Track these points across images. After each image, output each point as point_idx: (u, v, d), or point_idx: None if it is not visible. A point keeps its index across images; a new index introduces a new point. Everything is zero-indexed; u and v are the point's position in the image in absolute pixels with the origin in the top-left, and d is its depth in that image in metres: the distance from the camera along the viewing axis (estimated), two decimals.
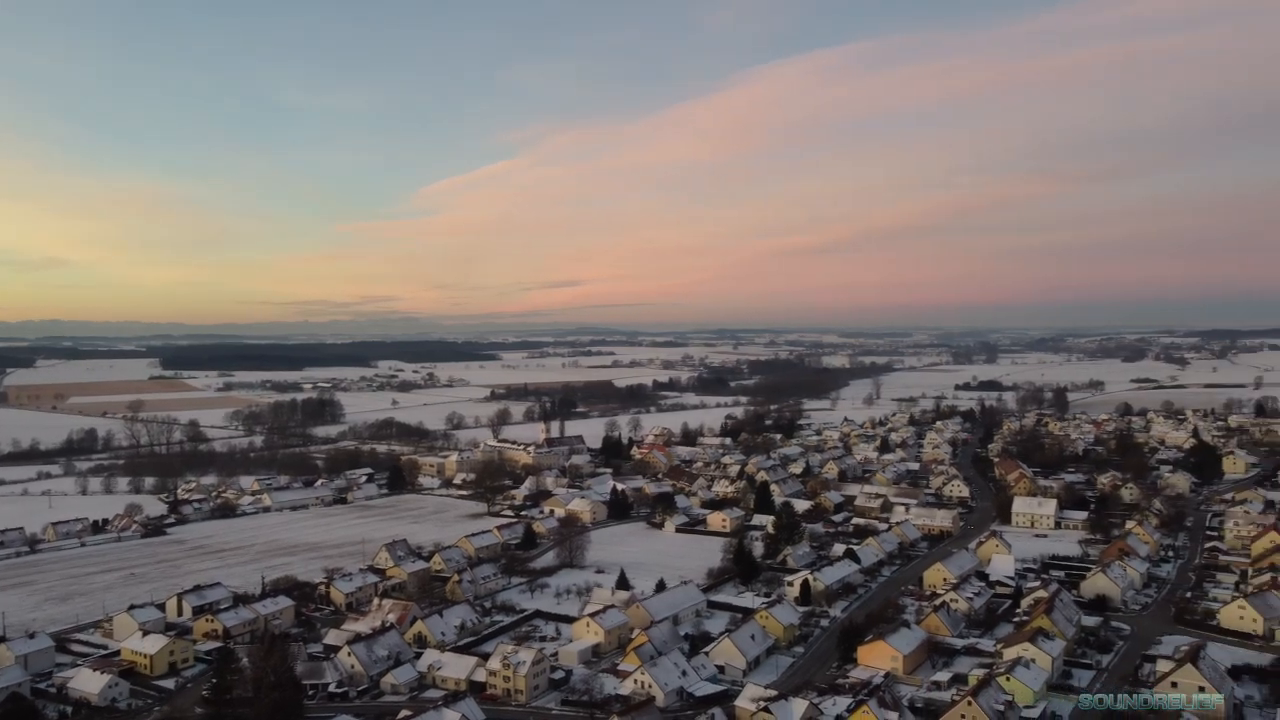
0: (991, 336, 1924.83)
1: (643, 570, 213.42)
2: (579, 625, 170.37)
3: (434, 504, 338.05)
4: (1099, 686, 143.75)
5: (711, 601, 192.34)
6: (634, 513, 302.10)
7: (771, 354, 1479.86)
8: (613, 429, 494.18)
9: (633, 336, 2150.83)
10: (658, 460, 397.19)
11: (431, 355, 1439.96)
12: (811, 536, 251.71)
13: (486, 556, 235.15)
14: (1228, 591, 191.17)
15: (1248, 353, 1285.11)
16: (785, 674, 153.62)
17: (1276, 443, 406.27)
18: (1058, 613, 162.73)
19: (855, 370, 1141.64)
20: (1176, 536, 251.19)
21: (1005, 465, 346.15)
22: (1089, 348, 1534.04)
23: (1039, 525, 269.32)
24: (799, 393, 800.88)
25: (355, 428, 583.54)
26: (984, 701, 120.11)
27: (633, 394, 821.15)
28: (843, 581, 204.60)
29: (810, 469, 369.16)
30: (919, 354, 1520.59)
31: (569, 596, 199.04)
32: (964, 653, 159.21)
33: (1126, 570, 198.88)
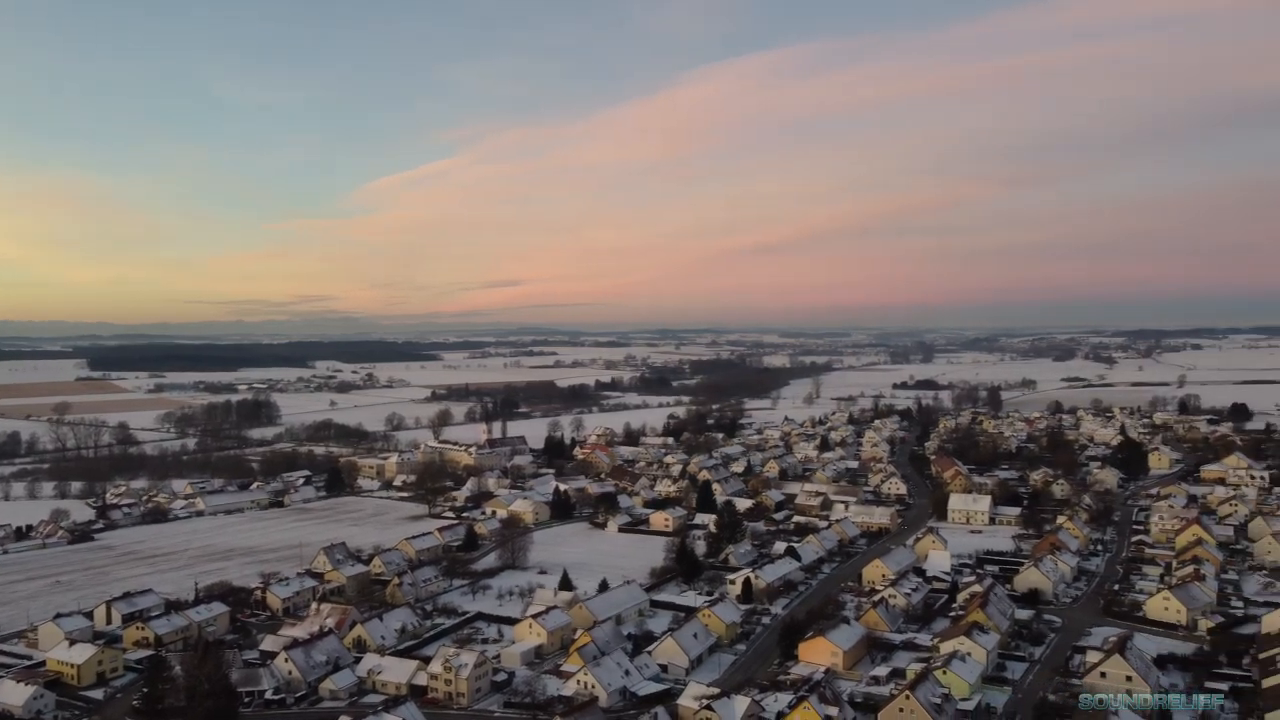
0: (928, 336, 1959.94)
1: (586, 570, 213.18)
2: (521, 627, 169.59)
3: (374, 506, 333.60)
4: (1031, 678, 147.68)
5: (654, 601, 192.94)
6: (577, 513, 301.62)
7: (713, 354, 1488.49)
8: (555, 429, 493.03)
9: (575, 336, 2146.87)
10: (600, 460, 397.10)
11: (371, 355, 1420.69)
12: (753, 535, 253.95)
13: (428, 559, 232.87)
14: (1153, 584, 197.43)
15: (1171, 352, 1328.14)
16: (727, 672, 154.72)
17: (1199, 439, 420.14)
18: (992, 607, 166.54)
19: (796, 370, 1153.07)
20: (1105, 531, 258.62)
21: (941, 463, 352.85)
22: (1022, 347, 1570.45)
23: (974, 521, 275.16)
24: (740, 392, 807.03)
25: (292, 429, 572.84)
26: (921, 695, 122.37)
27: (575, 394, 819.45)
28: (784, 579, 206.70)
29: (752, 468, 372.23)
30: (858, 354, 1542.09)
31: (511, 598, 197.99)
32: (902, 647, 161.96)
33: (1058, 564, 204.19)
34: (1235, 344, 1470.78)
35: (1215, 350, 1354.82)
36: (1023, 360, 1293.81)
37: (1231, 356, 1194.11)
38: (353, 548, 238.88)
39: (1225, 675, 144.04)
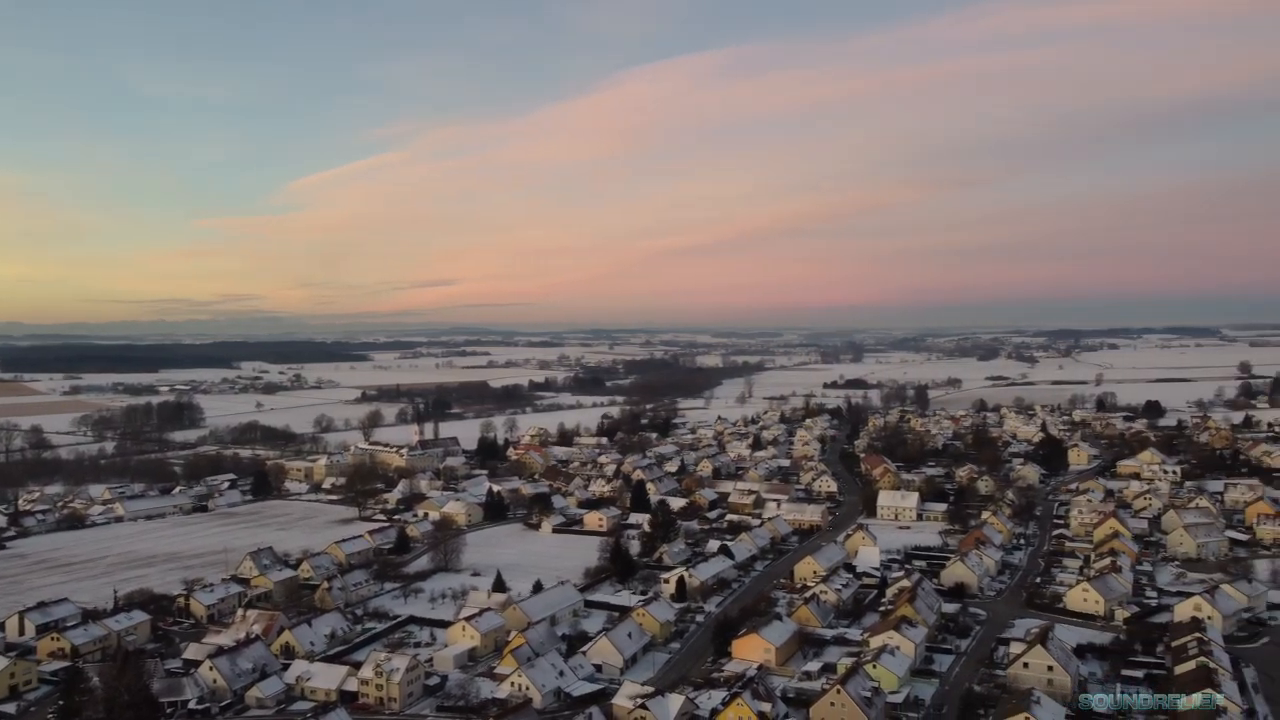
0: (858, 336, 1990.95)
1: (520, 572, 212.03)
2: (454, 629, 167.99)
3: (302, 510, 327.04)
4: (958, 670, 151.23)
5: (589, 601, 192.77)
6: (510, 514, 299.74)
7: (647, 354, 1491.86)
8: (488, 430, 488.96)
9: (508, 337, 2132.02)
10: (534, 461, 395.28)
11: (299, 356, 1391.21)
12: (687, 534, 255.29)
13: (358, 562, 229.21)
14: (1073, 576, 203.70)
15: (1089, 351, 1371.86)
16: (662, 670, 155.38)
17: (1115, 436, 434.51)
18: (920, 601, 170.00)
19: (728, 369, 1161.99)
20: (1027, 525, 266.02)
21: (871, 460, 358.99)
22: (948, 347, 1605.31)
23: (902, 517, 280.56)
24: (674, 392, 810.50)
25: (217, 432, 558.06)
26: (852, 689, 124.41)
27: (508, 394, 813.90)
28: (717, 577, 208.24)
29: (685, 467, 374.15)
30: (789, 353, 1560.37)
31: (444, 600, 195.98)
32: (833, 642, 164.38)
33: (982, 558, 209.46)
34: (1149, 343, 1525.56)
35: (1130, 349, 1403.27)
36: (948, 360, 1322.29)
37: (1146, 356, 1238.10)
38: (280, 552, 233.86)
39: (1140, 663, 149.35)
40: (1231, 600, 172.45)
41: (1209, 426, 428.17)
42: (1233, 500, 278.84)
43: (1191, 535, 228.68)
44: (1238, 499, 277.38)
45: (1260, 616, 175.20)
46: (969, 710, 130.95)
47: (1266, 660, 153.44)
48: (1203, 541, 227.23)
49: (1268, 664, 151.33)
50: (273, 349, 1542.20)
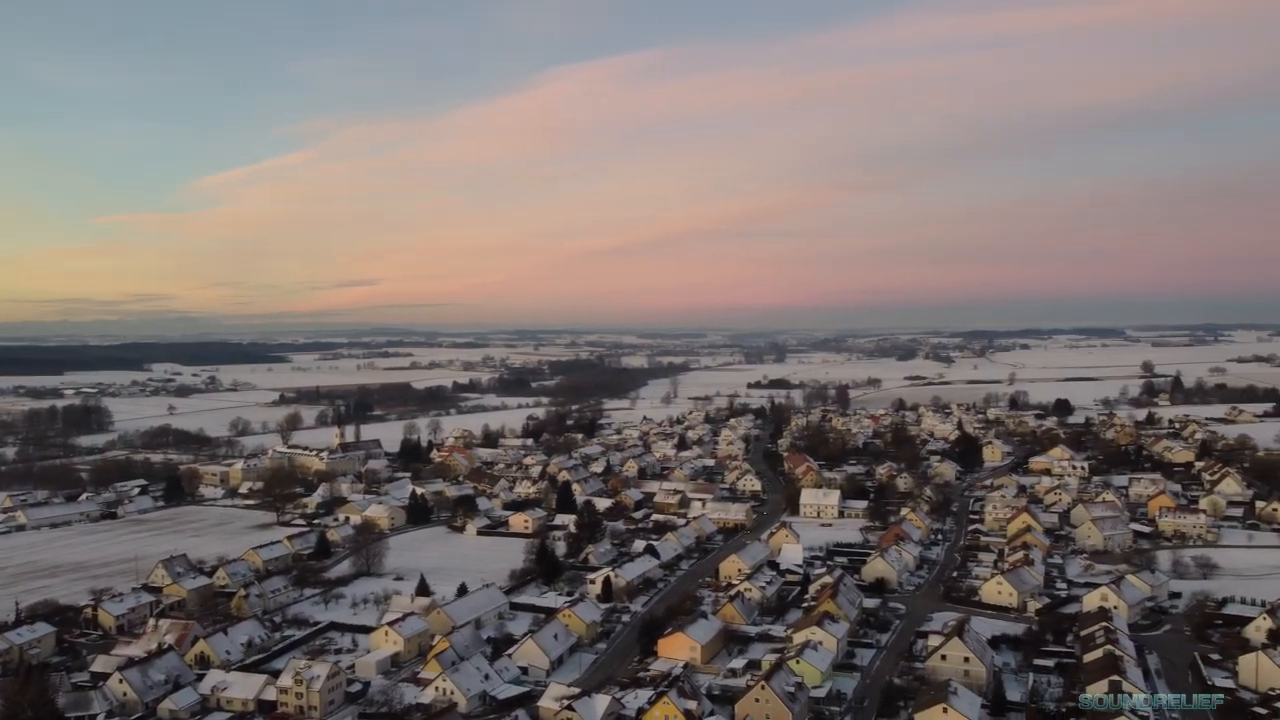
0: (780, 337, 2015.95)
1: (444, 575, 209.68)
2: (377, 635, 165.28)
3: (217, 515, 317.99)
4: (879, 663, 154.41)
5: (514, 603, 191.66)
6: (434, 517, 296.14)
7: (572, 354, 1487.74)
8: (411, 432, 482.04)
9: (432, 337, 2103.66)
10: (458, 463, 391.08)
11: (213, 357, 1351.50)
12: (613, 534, 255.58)
13: (277, 568, 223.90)
14: (988, 569, 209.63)
15: (1003, 351, 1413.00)
16: (588, 671, 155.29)
17: (1027, 433, 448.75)
18: (842, 597, 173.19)
19: (654, 370, 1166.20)
20: (945, 521, 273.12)
21: (794, 459, 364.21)
22: (868, 347, 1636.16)
23: (825, 515, 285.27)
24: (599, 393, 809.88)
25: (126, 436, 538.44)
26: (776, 684, 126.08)
27: (432, 396, 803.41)
28: (643, 577, 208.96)
29: (611, 468, 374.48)
30: (713, 354, 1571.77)
31: (366, 606, 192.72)
32: (758, 639, 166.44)
33: (902, 554, 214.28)
34: (1059, 344, 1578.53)
35: (1041, 350, 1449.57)
36: (869, 360, 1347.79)
37: (1055, 355, 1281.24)
38: (194, 559, 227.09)
39: (1052, 652, 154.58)
40: (1136, 590, 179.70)
41: (1114, 424, 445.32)
42: (1137, 494, 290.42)
43: (1099, 528, 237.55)
44: (1141, 493, 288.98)
45: (1162, 605, 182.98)
46: (889, 702, 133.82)
47: (1168, 647, 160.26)
48: (1109, 534, 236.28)
49: (1169, 650, 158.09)
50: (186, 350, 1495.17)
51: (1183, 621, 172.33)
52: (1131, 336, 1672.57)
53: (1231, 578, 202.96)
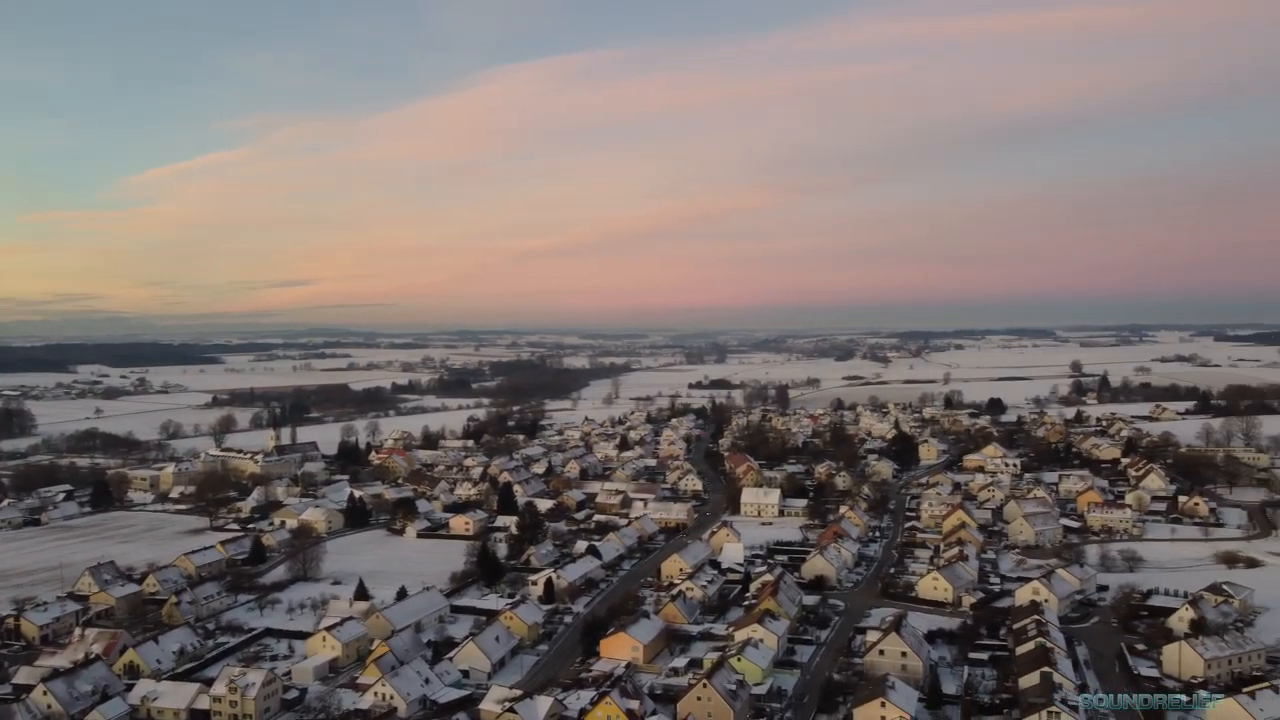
0: (721, 337, 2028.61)
1: (383, 579, 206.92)
2: (314, 640, 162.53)
3: (148, 521, 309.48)
4: (818, 659, 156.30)
5: (455, 606, 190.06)
6: (373, 520, 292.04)
7: (514, 355, 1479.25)
8: (349, 434, 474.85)
9: (370, 338, 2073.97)
10: (397, 465, 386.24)
11: (143, 359, 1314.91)
12: (555, 535, 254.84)
13: (210, 574, 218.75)
14: (924, 566, 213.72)
15: (938, 352, 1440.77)
16: (530, 673, 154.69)
17: (961, 431, 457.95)
18: (782, 594, 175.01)
19: (595, 371, 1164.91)
20: (882, 518, 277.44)
21: (735, 459, 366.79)
22: (807, 348, 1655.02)
23: (765, 514, 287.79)
24: (541, 393, 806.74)
25: (50, 440, 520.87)
26: (718, 683, 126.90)
27: (370, 397, 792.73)
28: (585, 577, 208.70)
29: (553, 468, 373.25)
30: (655, 354, 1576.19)
31: (303, 611, 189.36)
32: (700, 638, 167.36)
33: (840, 552, 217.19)
34: (992, 344, 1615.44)
35: (975, 350, 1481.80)
36: (808, 360, 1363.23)
37: (989, 355, 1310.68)
38: (123, 566, 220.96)
39: (986, 646, 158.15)
40: (1066, 583, 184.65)
41: (1045, 422, 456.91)
42: (1066, 490, 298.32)
43: (1030, 524, 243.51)
44: (1071, 489, 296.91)
45: (1090, 597, 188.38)
46: (829, 698, 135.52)
47: (1096, 638, 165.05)
48: (1040, 529, 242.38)
49: (1097, 642, 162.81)
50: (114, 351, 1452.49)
51: (1110, 613, 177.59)
52: (1061, 337, 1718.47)
53: (1155, 570, 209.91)
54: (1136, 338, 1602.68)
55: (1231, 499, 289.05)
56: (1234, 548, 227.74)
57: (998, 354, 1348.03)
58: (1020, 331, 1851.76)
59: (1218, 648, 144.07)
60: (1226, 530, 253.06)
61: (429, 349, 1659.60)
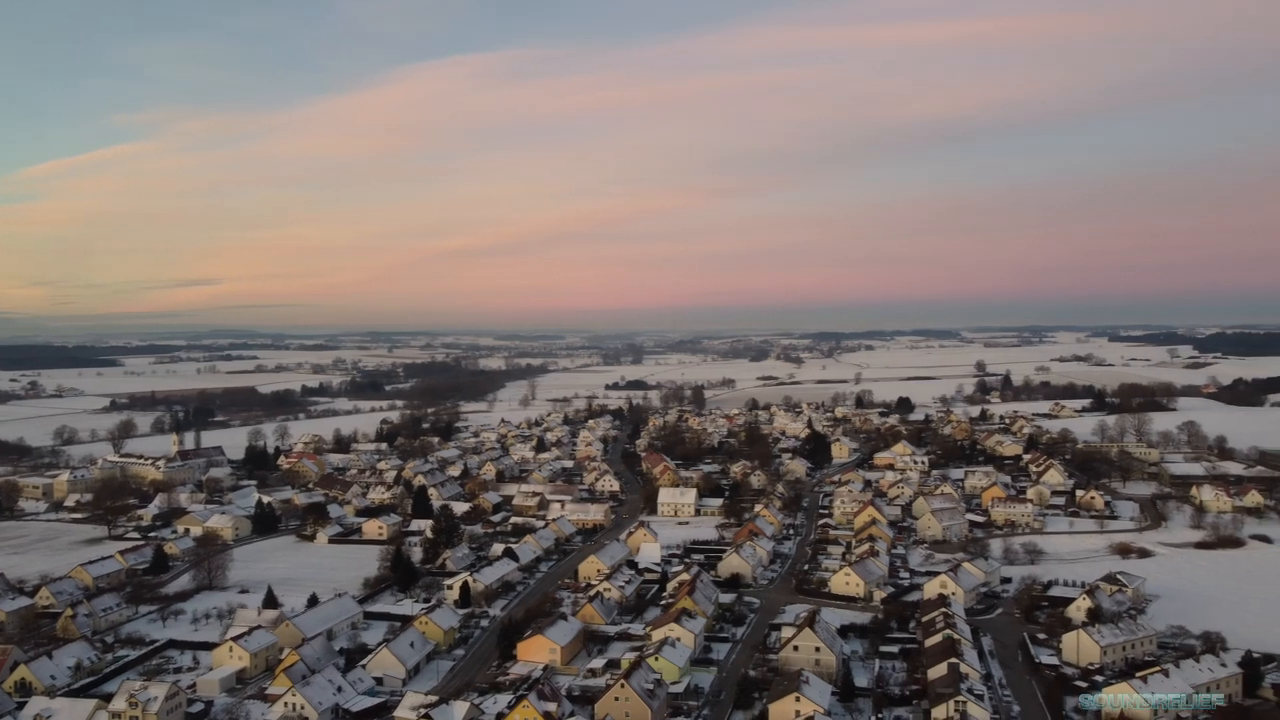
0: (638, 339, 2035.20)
1: (293, 586, 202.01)
2: (220, 651, 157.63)
3: (41, 530, 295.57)
4: (735, 656, 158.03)
5: (369, 612, 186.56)
6: (283, 526, 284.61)
7: (428, 356, 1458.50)
8: (257, 438, 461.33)
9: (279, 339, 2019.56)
10: (308, 469, 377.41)
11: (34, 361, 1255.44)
12: (471, 538, 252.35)
13: (108, 585, 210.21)
14: (836, 562, 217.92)
15: (849, 352, 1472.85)
16: (446, 678, 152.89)
17: (872, 430, 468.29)
18: (699, 593, 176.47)
19: (511, 372, 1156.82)
20: (796, 516, 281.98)
21: (651, 459, 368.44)
22: (722, 349, 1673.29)
23: (682, 513, 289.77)
24: (456, 395, 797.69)
25: None
26: (635, 682, 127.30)
27: (279, 400, 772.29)
28: (502, 580, 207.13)
29: (469, 471, 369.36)
30: (572, 355, 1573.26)
31: (209, 621, 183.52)
32: (617, 638, 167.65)
33: (756, 549, 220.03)
34: (901, 344, 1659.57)
35: (885, 350, 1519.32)
36: (723, 361, 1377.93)
37: (898, 356, 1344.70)
38: (13, 579, 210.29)
39: (896, 639, 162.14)
40: (971, 576, 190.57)
41: (951, 420, 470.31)
42: (972, 486, 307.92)
43: (938, 519, 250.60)
44: (976, 485, 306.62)
45: (995, 590, 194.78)
46: (745, 694, 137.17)
47: (1000, 629, 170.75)
48: (947, 524, 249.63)
49: (1001, 632, 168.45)
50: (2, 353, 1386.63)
51: (1013, 604, 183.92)
52: (966, 338, 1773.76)
53: (1055, 562, 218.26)
54: (1036, 338, 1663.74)
55: (1125, 493, 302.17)
56: (1127, 539, 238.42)
57: (906, 354, 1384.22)
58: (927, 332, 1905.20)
59: (1113, 635, 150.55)
60: (1120, 522, 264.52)
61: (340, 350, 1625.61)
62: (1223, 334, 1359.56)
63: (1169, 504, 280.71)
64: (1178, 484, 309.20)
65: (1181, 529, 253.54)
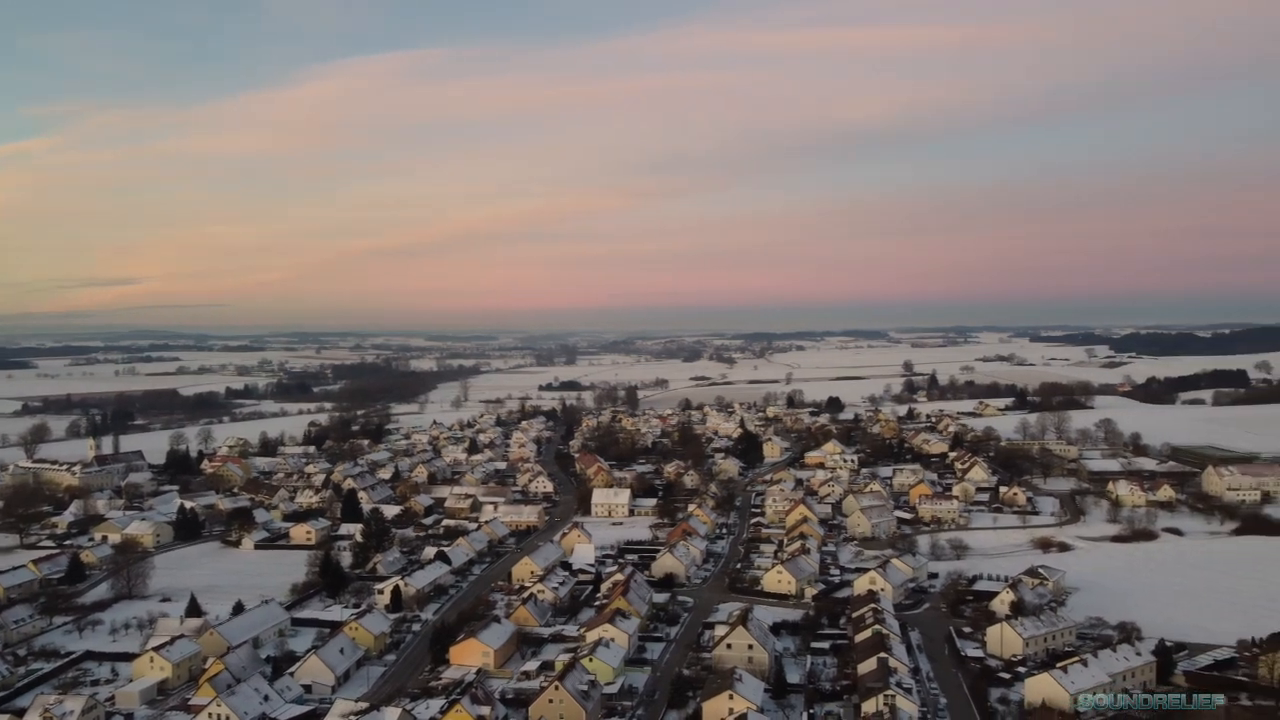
0: (571, 339, 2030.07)
1: (219, 593, 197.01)
2: (141, 662, 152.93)
3: None
4: (669, 656, 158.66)
5: (297, 619, 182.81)
6: (207, 532, 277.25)
7: (358, 358, 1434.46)
8: (179, 442, 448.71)
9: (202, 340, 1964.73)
10: (233, 473, 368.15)
11: None
12: (402, 541, 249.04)
13: (20, 596, 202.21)
14: (769, 560, 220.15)
15: (780, 353, 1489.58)
16: (377, 684, 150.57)
17: (803, 429, 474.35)
18: (633, 593, 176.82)
19: (443, 373, 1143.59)
20: (729, 515, 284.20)
21: (585, 460, 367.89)
22: (655, 349, 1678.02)
23: (616, 514, 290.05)
24: (387, 397, 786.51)
25: None
26: (570, 684, 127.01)
27: (203, 403, 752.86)
28: (434, 584, 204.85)
29: (400, 473, 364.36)
30: (505, 356, 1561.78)
31: (128, 631, 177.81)
32: (551, 640, 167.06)
33: (689, 549, 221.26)
34: (831, 345, 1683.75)
35: (815, 350, 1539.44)
36: (656, 361, 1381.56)
37: (828, 356, 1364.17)
38: None
39: (827, 635, 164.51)
40: (900, 572, 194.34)
41: (880, 419, 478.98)
42: (900, 484, 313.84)
43: (867, 517, 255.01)
44: (904, 482, 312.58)
45: (923, 585, 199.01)
46: (679, 693, 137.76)
47: (928, 623, 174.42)
48: (876, 522, 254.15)
49: (929, 626, 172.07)
50: None
51: (939, 599, 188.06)
52: (894, 338, 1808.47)
53: (980, 557, 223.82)
54: (962, 339, 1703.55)
55: (1046, 489, 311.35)
56: (1048, 534, 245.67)
57: (836, 354, 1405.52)
58: (856, 333, 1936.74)
59: (1035, 627, 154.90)
60: (1042, 518, 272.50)
61: (266, 351, 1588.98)
62: (1137, 334, 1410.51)
63: (1087, 499, 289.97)
64: (1095, 480, 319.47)
65: (1099, 523, 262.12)
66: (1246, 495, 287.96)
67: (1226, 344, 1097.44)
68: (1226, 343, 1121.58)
